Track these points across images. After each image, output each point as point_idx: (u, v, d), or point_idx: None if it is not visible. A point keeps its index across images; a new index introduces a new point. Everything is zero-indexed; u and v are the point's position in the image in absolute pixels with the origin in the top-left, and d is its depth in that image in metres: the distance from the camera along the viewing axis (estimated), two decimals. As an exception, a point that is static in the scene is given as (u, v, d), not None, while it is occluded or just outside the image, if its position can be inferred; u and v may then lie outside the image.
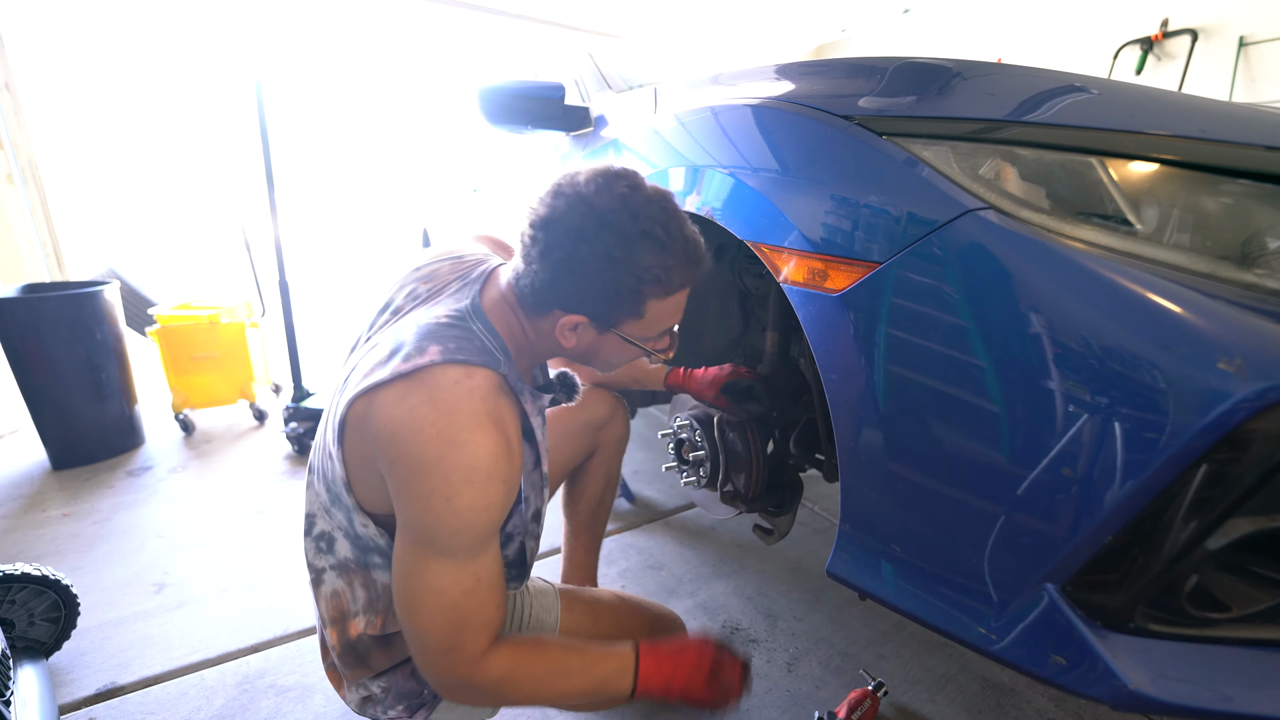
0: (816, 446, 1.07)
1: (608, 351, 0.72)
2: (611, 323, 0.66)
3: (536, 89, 1.36)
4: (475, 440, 0.57)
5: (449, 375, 0.59)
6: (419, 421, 0.57)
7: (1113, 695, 0.53)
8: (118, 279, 2.66)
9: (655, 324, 0.68)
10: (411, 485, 0.58)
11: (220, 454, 2.09)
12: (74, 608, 1.11)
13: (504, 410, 0.62)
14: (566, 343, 0.68)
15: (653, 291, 0.64)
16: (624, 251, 0.61)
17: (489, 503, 0.59)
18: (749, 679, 0.74)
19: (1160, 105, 0.59)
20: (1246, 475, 0.48)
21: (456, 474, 0.56)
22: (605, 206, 0.61)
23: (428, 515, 0.58)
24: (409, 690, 0.73)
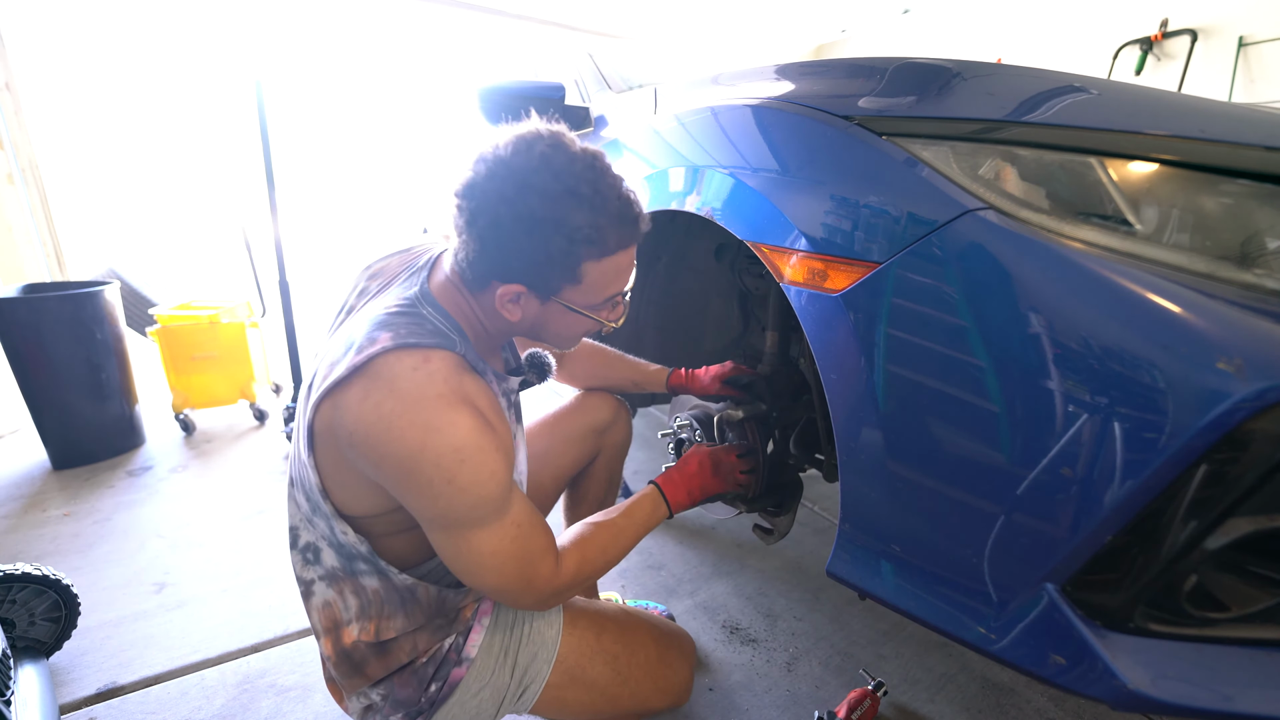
0: (816, 446, 1.07)
1: (556, 324, 0.70)
2: (550, 290, 0.65)
3: (536, 89, 1.36)
4: (451, 421, 0.57)
5: (405, 364, 0.58)
6: (388, 418, 0.56)
7: (1112, 695, 0.53)
8: (118, 279, 2.66)
9: (597, 289, 0.66)
10: (409, 482, 0.57)
11: (220, 454, 2.09)
12: (74, 607, 1.11)
13: (469, 387, 0.61)
14: (511, 316, 0.67)
15: (587, 253, 0.62)
16: (549, 212, 0.59)
17: (492, 470, 0.59)
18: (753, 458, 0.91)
19: (1160, 105, 0.59)
20: (1246, 475, 0.48)
21: (446, 458, 0.56)
22: (526, 167, 0.59)
23: (439, 503, 0.58)
24: (406, 698, 0.71)
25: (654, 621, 0.89)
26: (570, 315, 0.69)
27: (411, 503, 0.60)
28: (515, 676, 0.74)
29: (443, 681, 0.71)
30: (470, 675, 0.72)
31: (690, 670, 0.88)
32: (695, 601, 1.31)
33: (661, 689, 0.84)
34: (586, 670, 0.78)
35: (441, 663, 0.72)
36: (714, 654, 1.16)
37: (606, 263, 0.65)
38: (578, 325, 0.71)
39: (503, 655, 0.74)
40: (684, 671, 0.87)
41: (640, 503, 0.81)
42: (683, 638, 0.91)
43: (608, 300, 0.70)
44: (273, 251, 2.17)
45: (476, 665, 0.73)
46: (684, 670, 0.87)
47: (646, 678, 0.82)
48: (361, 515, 0.67)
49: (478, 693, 0.72)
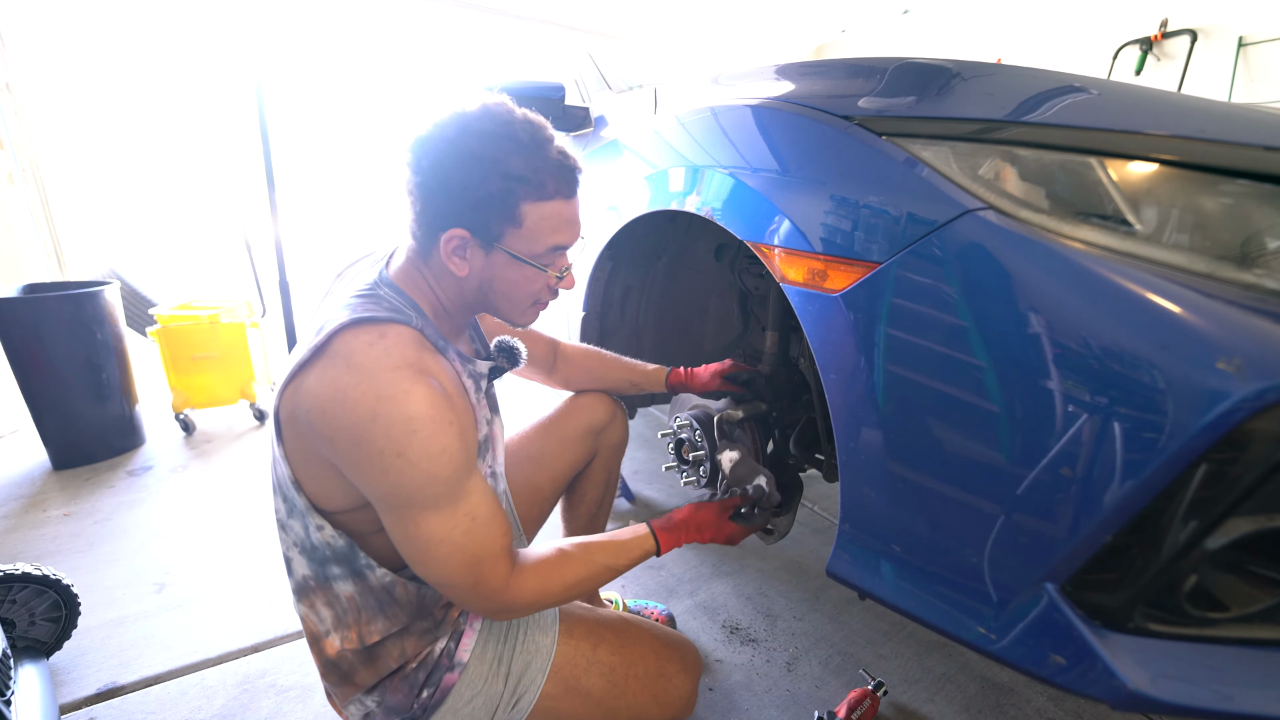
0: (816, 446, 1.07)
1: (502, 281, 0.69)
2: (492, 234, 0.65)
3: (536, 89, 1.36)
4: (404, 390, 0.56)
5: (361, 340, 0.59)
6: (343, 390, 0.56)
7: (1112, 695, 0.53)
8: (118, 279, 2.67)
9: (539, 235, 0.66)
10: (359, 454, 0.57)
11: (220, 454, 2.09)
12: (74, 607, 1.11)
13: (428, 361, 0.61)
14: (459, 271, 0.67)
15: (525, 192, 0.63)
16: (489, 150, 0.61)
17: (443, 446, 0.58)
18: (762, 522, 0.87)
19: (1159, 105, 0.59)
20: (1245, 475, 0.48)
21: (396, 428, 0.55)
22: (468, 115, 0.63)
23: (388, 477, 0.57)
24: (399, 704, 0.71)
25: (655, 633, 0.86)
26: (515, 268, 0.68)
27: (363, 480, 0.59)
28: (509, 685, 0.73)
29: (435, 687, 0.71)
30: (463, 682, 0.71)
31: (692, 684, 0.85)
32: (695, 601, 1.31)
33: (660, 703, 0.81)
34: (582, 681, 0.77)
35: (434, 668, 0.71)
36: (714, 654, 1.16)
37: (545, 206, 0.65)
38: (524, 283, 0.70)
39: (496, 662, 0.73)
40: (685, 686, 0.83)
41: (629, 546, 0.76)
42: (685, 650, 0.87)
43: (551, 250, 0.69)
44: (273, 251, 2.17)
45: (469, 672, 0.72)
46: (685, 685, 0.83)
47: (644, 691, 0.80)
48: (336, 511, 0.66)
49: (470, 700, 0.72)
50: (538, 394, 1.12)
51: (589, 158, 1.37)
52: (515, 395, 2.56)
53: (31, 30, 2.82)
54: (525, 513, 1.02)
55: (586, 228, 0.79)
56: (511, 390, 2.58)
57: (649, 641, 0.84)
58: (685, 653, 0.86)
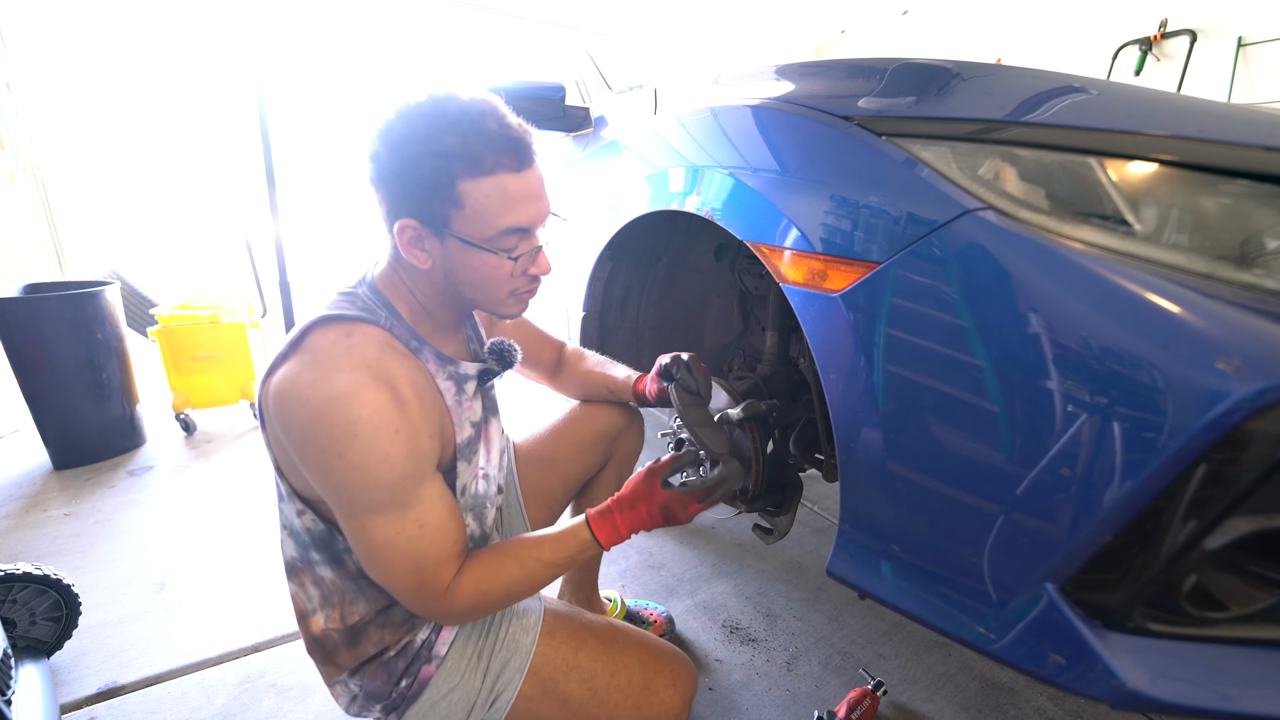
0: (816, 446, 1.07)
1: (464, 269, 0.66)
2: (438, 219, 0.62)
3: (537, 89, 1.36)
4: (351, 393, 0.57)
5: (328, 338, 0.61)
6: (301, 385, 0.57)
7: (1112, 694, 0.53)
8: (119, 279, 2.67)
9: (486, 217, 0.62)
10: (305, 450, 0.58)
11: (221, 454, 2.10)
12: (75, 607, 1.11)
13: (390, 364, 0.62)
14: (421, 264, 0.65)
15: (460, 169, 0.60)
16: (425, 131, 0.60)
17: (385, 453, 0.57)
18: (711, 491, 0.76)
19: (1159, 106, 0.59)
20: (1245, 475, 0.48)
21: (338, 429, 0.56)
22: (413, 103, 0.62)
23: (331, 477, 0.58)
24: (377, 690, 0.72)
25: (646, 643, 0.82)
26: (471, 254, 0.64)
27: (311, 476, 0.60)
28: (487, 682, 0.73)
29: (413, 678, 0.71)
30: (440, 675, 0.72)
31: (682, 701, 0.79)
32: (695, 601, 1.31)
33: (645, 718, 0.77)
34: (560, 685, 0.75)
35: (413, 659, 0.72)
36: (714, 653, 1.16)
37: (485, 183, 0.61)
38: (487, 270, 0.66)
39: (475, 658, 0.73)
40: (673, 702, 0.78)
41: (565, 539, 0.71)
42: (677, 665, 0.81)
43: (505, 233, 0.64)
44: (273, 251, 2.18)
45: (447, 665, 0.72)
46: (673, 701, 0.78)
47: (626, 703, 0.76)
48: (313, 499, 0.68)
49: (447, 694, 0.72)
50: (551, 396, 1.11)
51: (589, 158, 1.37)
52: (525, 397, 2.56)
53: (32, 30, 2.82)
54: (535, 515, 1.01)
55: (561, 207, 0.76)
56: (519, 392, 2.58)
57: (636, 652, 0.79)
58: (677, 667, 0.81)
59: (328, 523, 0.68)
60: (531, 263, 0.69)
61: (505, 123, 0.63)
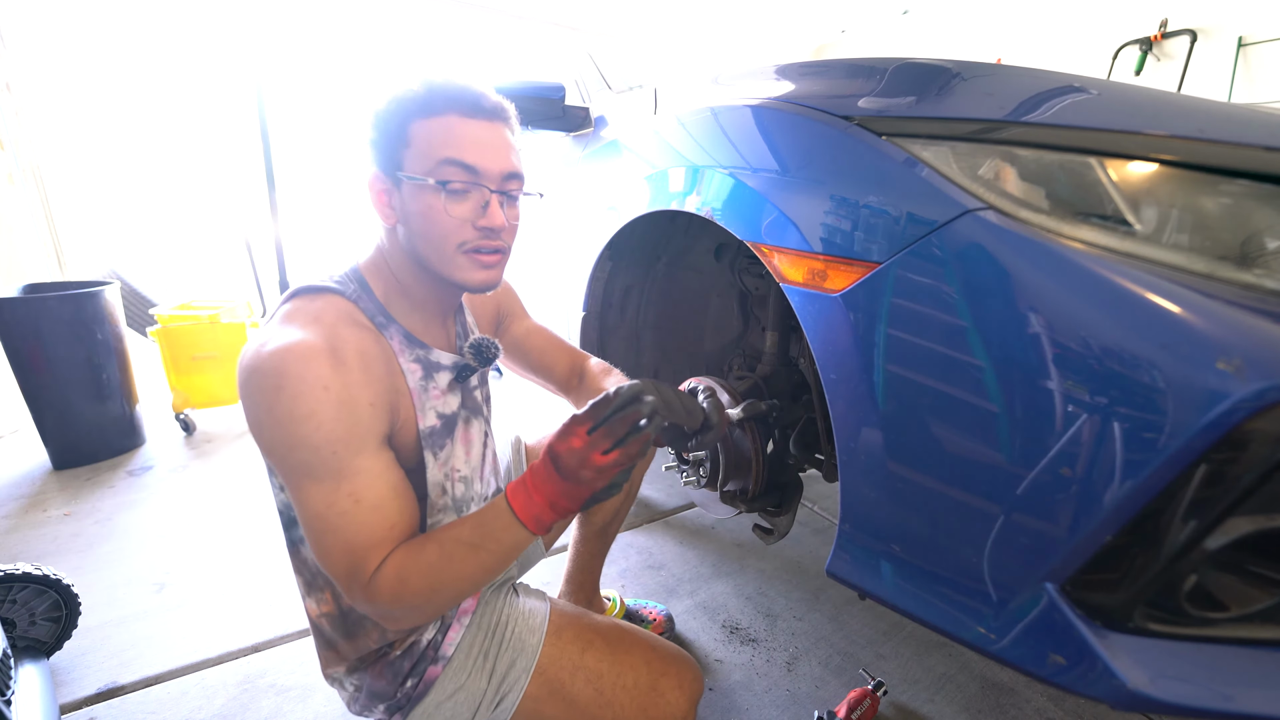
0: (816, 446, 1.07)
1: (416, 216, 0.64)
2: (393, 163, 0.64)
3: (537, 89, 1.36)
4: (286, 348, 0.56)
5: (294, 304, 0.63)
6: (250, 346, 0.59)
7: (1112, 694, 0.53)
8: (119, 279, 2.67)
9: (430, 150, 0.63)
10: (246, 412, 0.59)
11: (221, 454, 2.09)
12: (75, 607, 1.11)
13: (343, 330, 0.61)
14: (388, 220, 0.67)
15: (414, 110, 0.63)
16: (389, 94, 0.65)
17: (309, 410, 0.55)
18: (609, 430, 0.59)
19: (1159, 105, 0.59)
20: (1245, 475, 0.48)
21: (267, 381, 0.55)
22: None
23: (263, 435, 0.57)
24: (381, 690, 0.71)
25: (652, 644, 0.81)
26: (418, 194, 0.63)
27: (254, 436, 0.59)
28: (493, 683, 0.73)
29: (419, 678, 0.71)
30: (446, 675, 0.72)
31: (688, 703, 0.78)
32: (695, 601, 1.31)
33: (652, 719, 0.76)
34: (566, 686, 0.74)
35: (419, 659, 0.72)
36: (714, 654, 1.16)
37: (434, 122, 0.63)
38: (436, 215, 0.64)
39: (481, 658, 0.73)
40: (679, 704, 0.77)
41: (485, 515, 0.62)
42: (683, 666, 0.80)
43: (444, 163, 0.63)
44: (273, 251, 2.18)
45: (453, 665, 0.72)
46: (679, 702, 0.77)
47: (632, 704, 0.75)
48: None
49: (453, 694, 0.72)
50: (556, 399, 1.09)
51: (589, 157, 1.37)
52: (523, 397, 2.56)
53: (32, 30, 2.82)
54: None
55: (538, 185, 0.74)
56: (518, 393, 2.58)
57: (642, 653, 0.79)
58: (683, 668, 0.80)
59: None
60: (480, 213, 0.65)
61: (472, 85, 0.66)
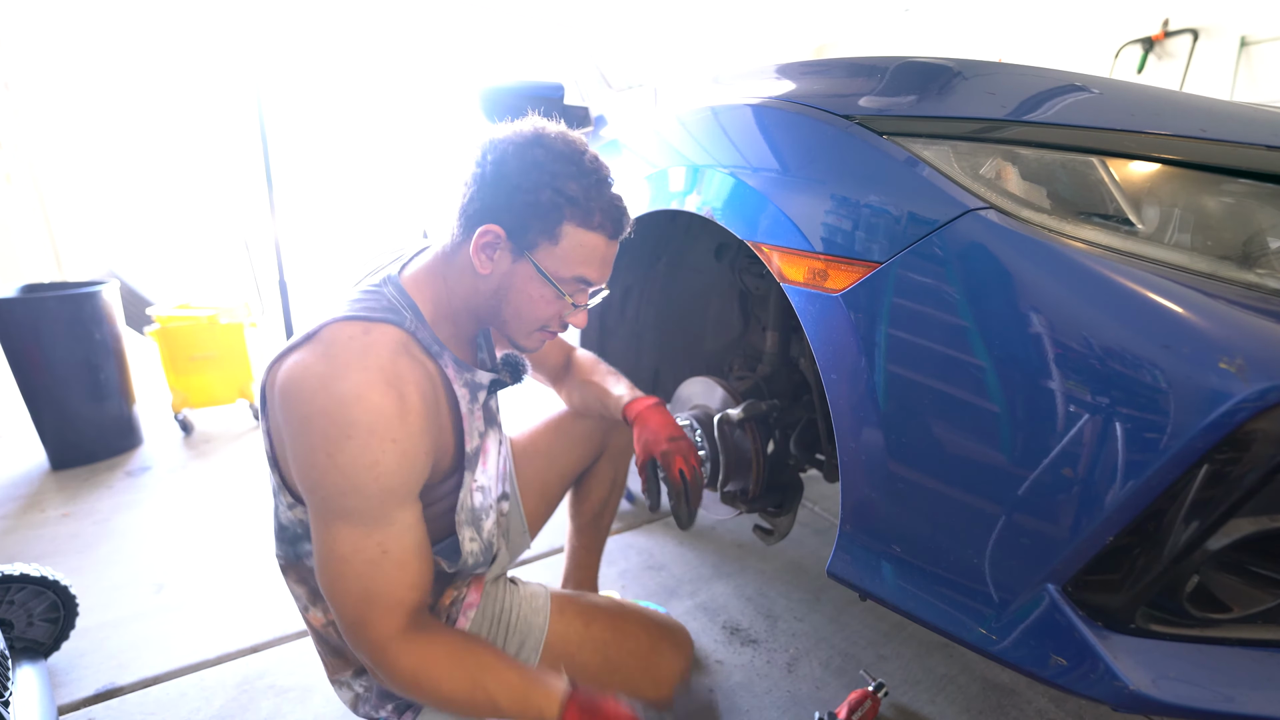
0: (817, 446, 1.07)
1: (520, 291, 0.68)
2: (526, 241, 0.66)
3: (537, 89, 1.36)
4: (358, 394, 0.56)
5: (345, 332, 0.60)
6: (308, 377, 0.57)
7: (1114, 696, 0.53)
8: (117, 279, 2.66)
9: (569, 260, 0.67)
10: (298, 443, 0.58)
11: (219, 454, 2.09)
12: (73, 608, 1.11)
13: (404, 369, 0.61)
14: (482, 269, 0.67)
15: (572, 213, 0.65)
16: (549, 163, 0.64)
17: (374, 460, 0.57)
18: None
19: (1161, 105, 0.58)
20: (1248, 475, 0.48)
21: (335, 428, 0.56)
22: (547, 131, 0.66)
23: (314, 473, 0.57)
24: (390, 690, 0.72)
25: (646, 614, 0.88)
26: (535, 284, 0.68)
27: (296, 467, 0.59)
28: None
29: None
30: None
31: (685, 662, 0.86)
32: (695, 602, 1.30)
33: (655, 680, 0.82)
34: (575, 658, 0.78)
35: None
36: (714, 655, 1.16)
37: (585, 234, 0.66)
38: (540, 303, 0.69)
39: None
40: (677, 663, 0.84)
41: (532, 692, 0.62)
42: (676, 631, 0.89)
43: (576, 280, 0.69)
44: (271, 251, 2.17)
45: None
46: (678, 661, 0.84)
47: (638, 667, 0.81)
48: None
49: None
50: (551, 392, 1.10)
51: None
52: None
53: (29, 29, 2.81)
54: (531, 508, 1.02)
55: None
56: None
57: (640, 621, 0.85)
58: (676, 633, 0.88)
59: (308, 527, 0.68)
60: (574, 313, 0.72)
61: (621, 197, 0.69)
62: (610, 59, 1.68)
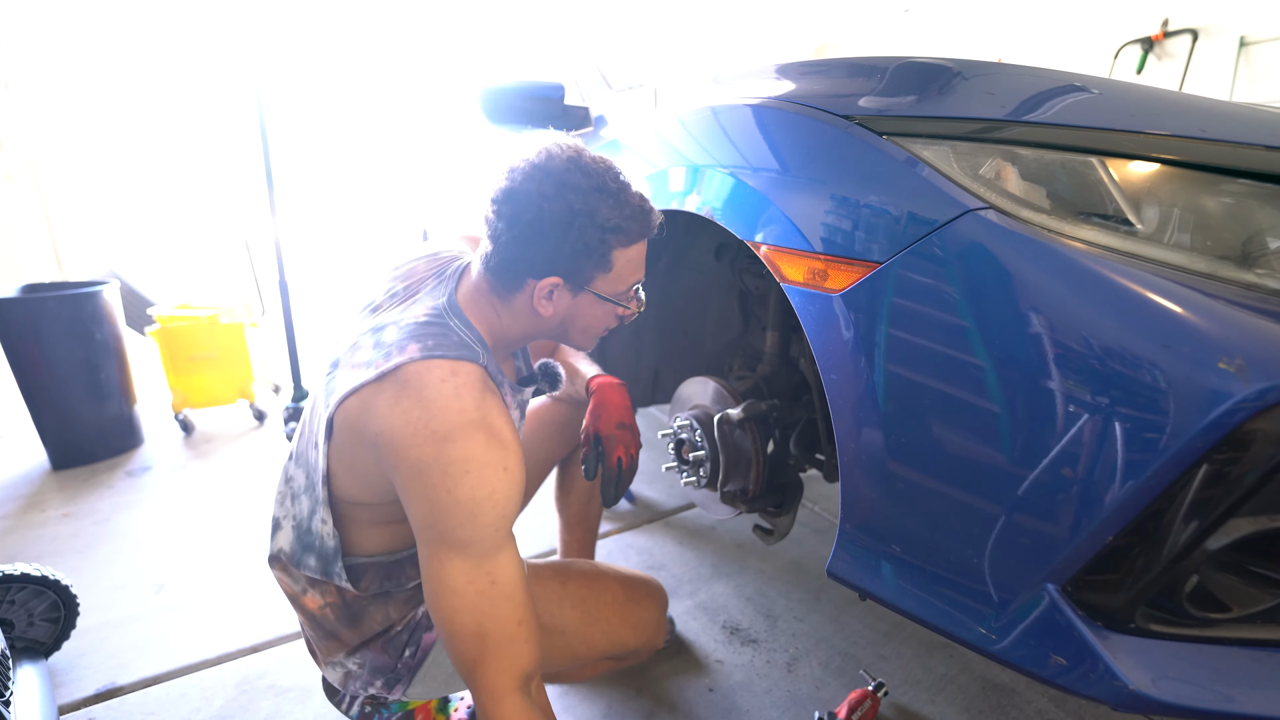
0: (816, 446, 1.07)
1: (584, 317, 0.73)
2: (584, 280, 0.69)
3: (537, 89, 1.36)
4: (465, 435, 0.59)
5: (435, 374, 0.61)
6: (412, 425, 0.59)
7: (1113, 695, 0.53)
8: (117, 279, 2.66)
9: (623, 277, 0.71)
10: (415, 486, 0.60)
11: (220, 454, 2.09)
12: (73, 608, 1.11)
13: (490, 405, 0.64)
14: (545, 312, 0.70)
15: (617, 241, 0.68)
16: (584, 205, 0.65)
17: (491, 489, 0.60)
18: None
19: (1161, 105, 0.58)
20: (1247, 475, 0.48)
21: (453, 466, 0.58)
22: (560, 169, 0.65)
23: (434, 509, 0.59)
24: (383, 664, 0.74)
25: (620, 570, 0.93)
26: (599, 306, 0.72)
27: (412, 507, 0.61)
28: None
29: (416, 646, 0.74)
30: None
31: (660, 610, 0.91)
32: (695, 602, 1.30)
33: (633, 625, 0.87)
34: (556, 616, 0.80)
35: (415, 629, 0.74)
36: (714, 654, 1.16)
37: (632, 250, 0.70)
38: (604, 317, 0.74)
39: None
40: (654, 610, 0.89)
41: None
42: (650, 582, 0.94)
43: (631, 287, 0.74)
44: (272, 252, 2.17)
45: None
46: (654, 609, 0.89)
47: (616, 615, 0.85)
48: (356, 501, 0.69)
49: None
50: None
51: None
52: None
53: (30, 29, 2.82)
54: None
55: None
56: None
57: (614, 575, 0.90)
58: (651, 584, 0.93)
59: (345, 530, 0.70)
60: (640, 309, 0.77)
61: (641, 193, 0.70)
62: (610, 59, 1.68)
